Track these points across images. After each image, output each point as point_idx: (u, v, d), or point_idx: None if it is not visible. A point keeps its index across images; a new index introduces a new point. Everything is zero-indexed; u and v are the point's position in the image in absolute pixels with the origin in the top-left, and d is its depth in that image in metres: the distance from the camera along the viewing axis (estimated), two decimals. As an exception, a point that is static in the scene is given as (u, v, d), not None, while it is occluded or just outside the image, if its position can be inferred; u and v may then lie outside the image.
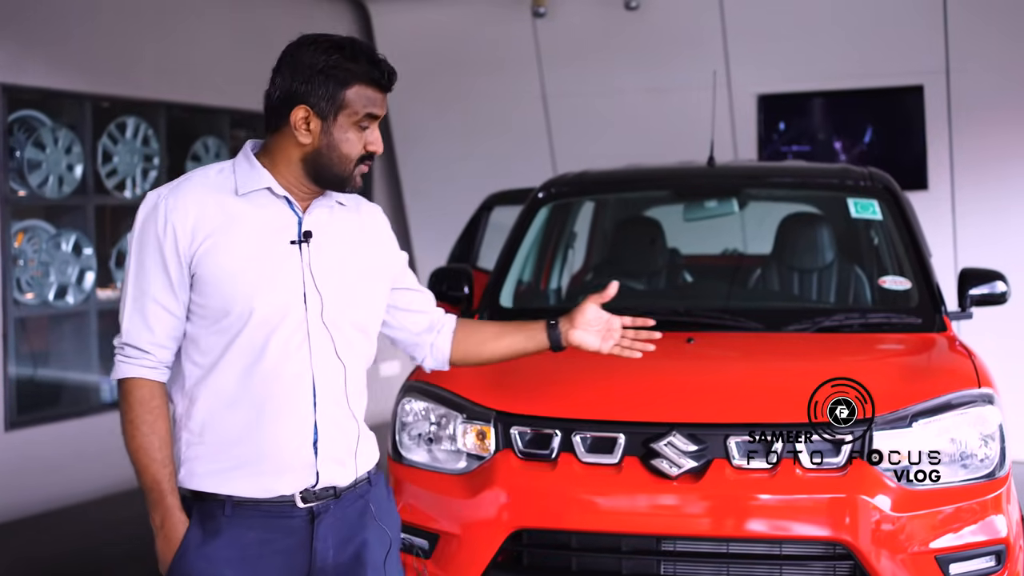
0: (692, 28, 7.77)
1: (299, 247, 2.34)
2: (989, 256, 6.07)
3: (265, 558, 2.31)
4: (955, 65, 7.12)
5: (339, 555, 2.36)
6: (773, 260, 4.91)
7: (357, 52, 2.34)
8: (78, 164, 6.62)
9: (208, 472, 2.32)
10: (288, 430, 2.31)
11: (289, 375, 2.30)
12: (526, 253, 4.84)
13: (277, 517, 2.32)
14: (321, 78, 2.31)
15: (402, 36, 8.67)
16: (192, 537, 2.30)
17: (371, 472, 2.47)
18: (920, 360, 3.91)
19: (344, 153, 2.34)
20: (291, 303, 2.31)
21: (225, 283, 2.28)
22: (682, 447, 3.35)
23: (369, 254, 2.48)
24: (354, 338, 2.40)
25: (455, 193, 8.43)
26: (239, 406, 2.30)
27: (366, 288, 2.44)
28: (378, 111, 2.36)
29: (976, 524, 3.36)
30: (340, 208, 2.46)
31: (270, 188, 2.35)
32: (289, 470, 2.31)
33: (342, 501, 2.38)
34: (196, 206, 2.31)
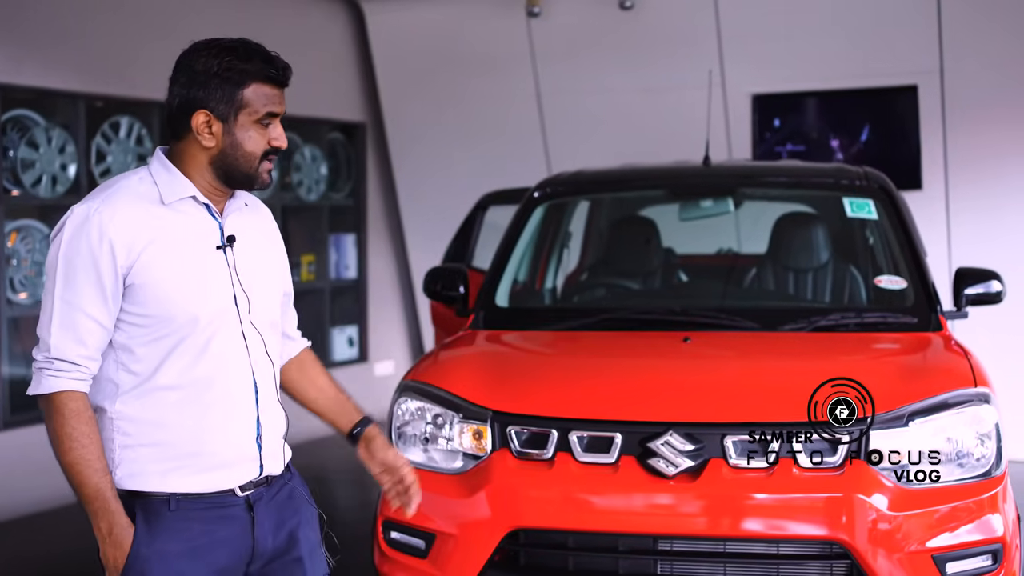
0: (687, 28, 7.77)
1: (224, 252, 2.41)
2: (984, 255, 6.08)
3: (212, 547, 2.38)
4: (949, 65, 7.13)
5: (276, 539, 2.47)
6: (768, 260, 4.91)
7: (250, 52, 2.38)
8: (72, 164, 6.59)
9: (151, 472, 2.36)
10: (235, 428, 2.41)
11: (232, 375, 2.40)
12: (521, 253, 4.84)
13: (219, 507, 2.40)
14: (217, 81, 2.35)
15: (396, 36, 8.67)
16: (141, 537, 2.34)
17: (288, 462, 2.59)
18: (916, 359, 3.92)
19: (248, 151, 2.39)
20: (226, 307, 2.39)
21: (167, 293, 2.33)
22: (679, 446, 3.35)
23: (272, 253, 2.57)
24: (272, 336, 2.51)
25: (450, 193, 8.42)
26: (184, 408, 2.36)
27: (274, 287, 2.54)
28: (277, 108, 2.40)
29: (972, 523, 3.37)
30: (247, 210, 2.52)
31: (194, 196, 2.40)
32: (234, 464, 2.41)
33: (271, 487, 2.48)
34: (130, 219, 2.33)
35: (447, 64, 8.51)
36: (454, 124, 8.65)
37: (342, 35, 8.87)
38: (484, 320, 4.43)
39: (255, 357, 2.43)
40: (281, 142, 2.42)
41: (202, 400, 2.36)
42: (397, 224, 9.28)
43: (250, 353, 2.42)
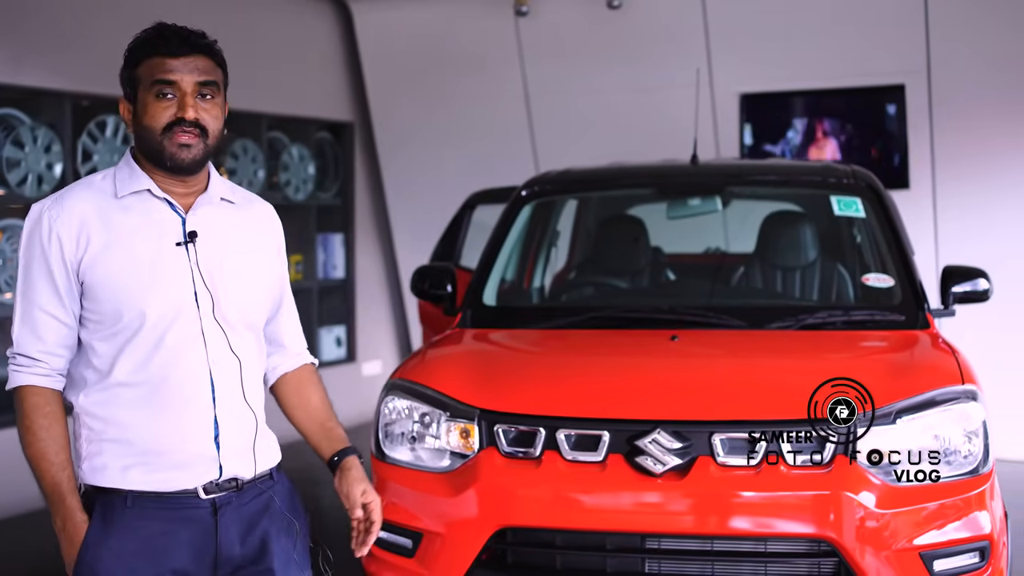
0: (675, 27, 7.77)
1: (186, 247, 2.36)
2: (971, 254, 6.09)
3: (170, 548, 2.34)
4: (936, 64, 7.14)
5: (245, 546, 2.40)
6: (756, 258, 4.91)
7: (149, 31, 2.38)
8: (58, 163, 6.56)
9: (109, 468, 2.35)
10: (190, 425, 2.34)
11: (186, 372, 2.33)
12: (509, 251, 4.84)
13: (179, 508, 2.35)
14: (123, 68, 2.39)
15: (384, 36, 8.66)
16: (94, 532, 2.34)
17: (273, 469, 2.50)
18: (903, 357, 3.92)
19: (146, 125, 2.33)
20: (183, 302, 2.34)
21: (115, 288, 2.32)
22: (667, 444, 3.34)
23: (258, 252, 2.50)
24: (245, 335, 2.43)
25: (438, 192, 8.41)
26: (139, 405, 2.33)
27: (254, 286, 2.46)
28: (168, 75, 2.31)
29: (960, 520, 3.37)
30: (227, 206, 2.47)
31: (150, 190, 2.37)
32: (192, 464, 2.35)
33: (243, 494, 2.41)
34: (79, 215, 2.34)
35: (435, 63, 8.51)
36: (442, 123, 8.64)
37: (330, 35, 8.86)
38: (472, 319, 4.42)
39: (214, 355, 2.36)
40: (184, 111, 2.30)
41: (155, 397, 2.33)
42: (385, 223, 9.27)
43: (208, 351, 2.35)
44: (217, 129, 2.38)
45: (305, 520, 2.56)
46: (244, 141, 7.91)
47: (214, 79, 2.36)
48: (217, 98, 2.37)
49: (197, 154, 2.34)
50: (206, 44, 2.38)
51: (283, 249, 2.60)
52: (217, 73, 2.38)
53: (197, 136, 2.33)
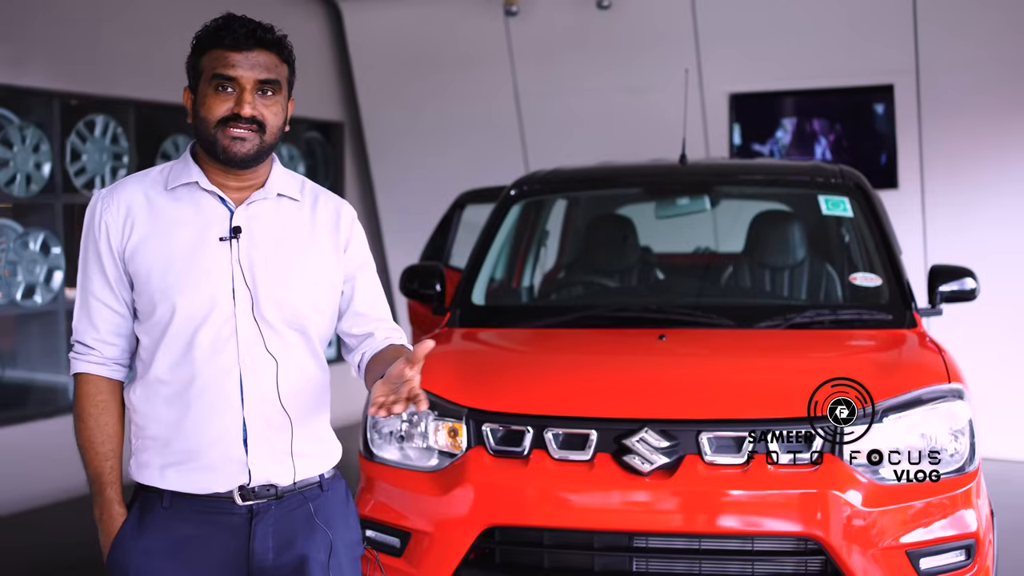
0: (664, 27, 7.78)
1: (229, 243, 2.31)
2: (958, 253, 6.11)
3: (201, 552, 2.30)
4: (925, 64, 7.16)
5: (279, 558, 2.32)
6: (745, 257, 4.92)
7: (217, 21, 2.33)
8: (46, 162, 6.55)
9: (149, 466, 2.33)
10: (217, 426, 2.29)
11: (217, 370, 2.28)
12: (498, 251, 4.83)
13: (215, 513, 2.31)
14: (189, 57, 2.35)
15: (374, 35, 8.65)
16: (128, 528, 2.33)
17: (324, 477, 2.42)
18: (890, 356, 3.93)
19: (202, 117, 2.29)
20: (218, 299, 2.29)
21: (150, 279, 2.30)
22: (654, 443, 3.35)
23: (313, 251, 2.40)
24: (289, 336, 2.34)
25: (427, 191, 8.41)
26: (172, 402, 2.30)
27: (304, 286, 2.36)
28: (228, 71, 2.26)
29: (946, 519, 3.38)
30: (286, 202, 2.41)
31: (198, 182, 2.33)
32: (220, 467, 2.29)
33: (284, 503, 2.34)
34: (126, 204, 2.33)
35: (425, 63, 8.51)
36: (432, 123, 8.64)
37: (320, 34, 8.85)
38: (460, 318, 4.42)
39: (247, 353, 2.28)
40: (241, 108, 2.26)
41: (187, 395, 2.28)
42: (375, 223, 9.26)
43: (240, 348, 2.28)
44: (276, 126, 2.33)
45: (351, 533, 2.45)
46: (234, 141, 7.90)
47: (275, 77, 2.31)
48: (278, 95, 2.32)
49: (251, 149, 2.29)
50: (272, 39, 2.31)
51: (354, 245, 2.47)
52: (281, 70, 2.33)
53: (253, 131, 2.28)
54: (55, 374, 6.78)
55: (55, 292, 6.65)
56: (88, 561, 5.40)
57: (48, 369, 6.76)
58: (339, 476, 2.48)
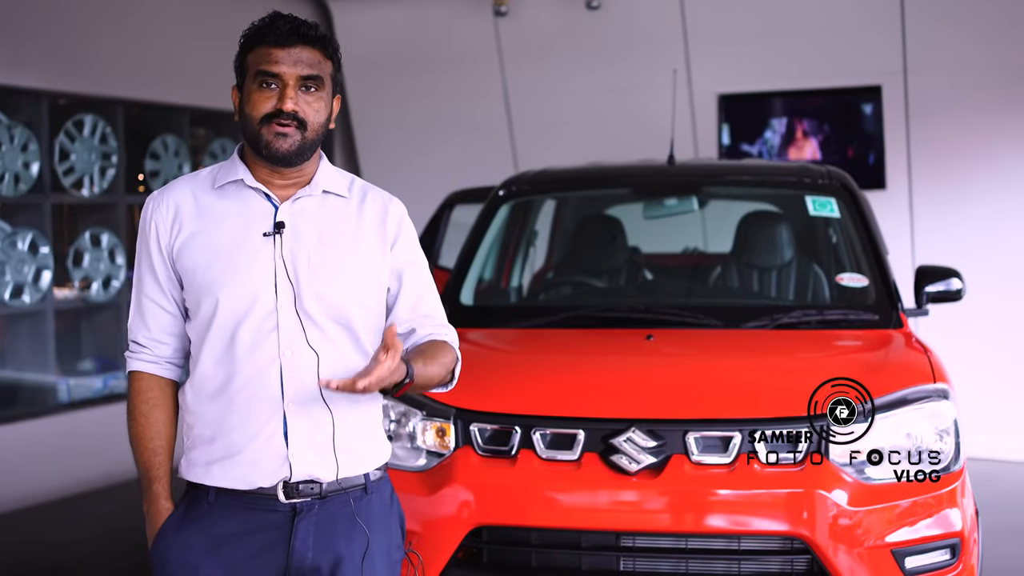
0: (653, 28, 7.80)
1: (272, 238, 2.33)
2: (945, 254, 6.13)
3: (241, 549, 2.32)
4: (912, 66, 7.19)
5: (318, 557, 2.33)
6: (733, 258, 4.94)
7: (263, 20, 2.35)
8: (35, 162, 6.54)
9: (197, 463, 2.36)
10: (258, 420, 2.30)
11: (258, 364, 2.30)
12: (487, 251, 4.84)
13: (258, 510, 2.32)
14: (237, 55, 2.38)
15: (364, 35, 8.65)
16: (172, 521, 2.36)
17: (369, 477, 2.41)
18: (877, 356, 3.95)
19: (247, 114, 2.32)
20: (260, 293, 2.30)
21: (196, 277, 2.33)
22: (641, 443, 3.36)
23: (359, 247, 2.40)
24: (333, 331, 2.34)
25: (417, 191, 8.37)
26: (217, 398, 2.33)
27: (348, 282, 2.36)
28: (271, 67, 2.28)
29: (931, 518, 3.39)
30: (332, 199, 2.41)
31: (243, 180, 2.36)
32: (262, 461, 2.31)
33: (328, 503, 2.35)
34: (175, 203, 2.38)
35: (414, 63, 8.51)
36: (421, 123, 8.64)
37: (309, 34, 8.84)
38: (449, 318, 4.41)
39: (288, 347, 2.29)
40: (283, 103, 2.27)
41: (229, 390, 2.31)
42: (364, 223, 9.25)
43: (281, 342, 2.29)
44: (319, 122, 2.33)
45: (394, 535, 2.46)
46: (223, 140, 7.90)
47: (319, 73, 2.32)
48: (321, 91, 2.33)
49: (293, 145, 2.29)
50: (316, 36, 2.33)
51: (404, 240, 2.46)
52: (324, 66, 2.34)
53: (295, 127, 2.29)
54: (43, 374, 6.77)
55: (43, 292, 6.64)
56: (79, 561, 5.41)
57: (36, 369, 6.75)
58: (386, 478, 2.48)
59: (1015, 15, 6.97)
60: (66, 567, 5.37)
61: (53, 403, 6.78)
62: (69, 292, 6.94)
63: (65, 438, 6.51)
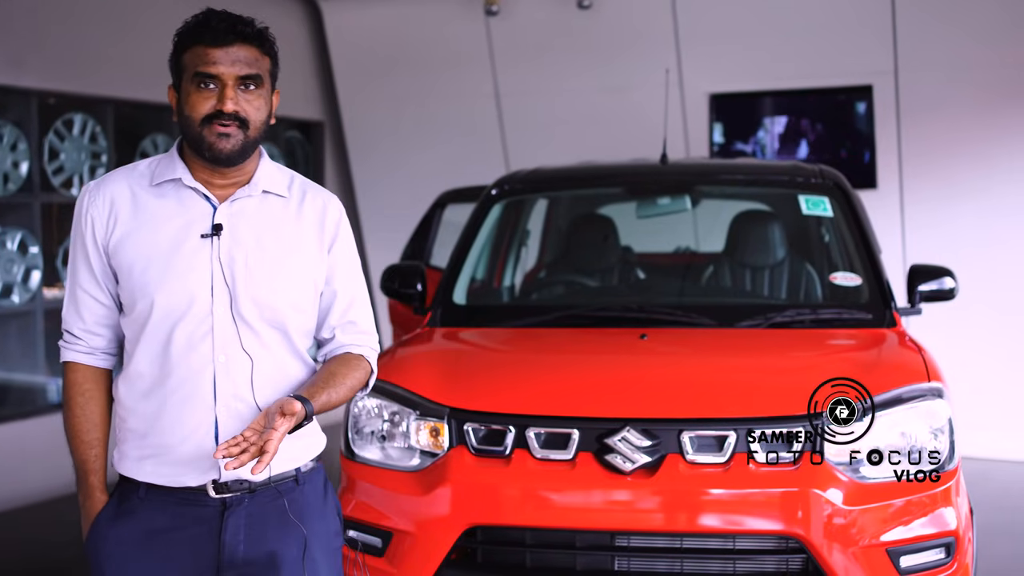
0: (644, 27, 7.80)
1: (210, 240, 2.32)
2: (937, 253, 6.15)
3: (172, 543, 2.33)
4: (903, 65, 7.20)
5: (250, 551, 2.33)
6: (725, 257, 4.93)
7: (196, 18, 2.32)
8: (24, 161, 6.52)
9: (128, 457, 2.38)
10: (189, 421, 2.31)
11: (191, 367, 2.30)
12: (479, 250, 4.83)
13: (189, 505, 2.34)
14: (171, 55, 2.36)
15: (355, 35, 8.63)
16: (104, 515, 2.37)
17: (300, 469, 2.42)
18: (870, 355, 3.94)
19: (186, 115, 2.29)
20: (196, 295, 2.30)
21: (132, 275, 2.32)
22: (636, 442, 3.35)
23: (297, 248, 2.40)
24: (267, 334, 2.35)
25: (408, 191, 8.40)
26: (150, 396, 2.33)
27: (284, 285, 2.36)
28: (209, 68, 2.26)
29: (926, 517, 3.39)
30: (274, 199, 2.41)
31: (181, 178, 2.35)
32: (192, 462, 2.32)
33: (257, 496, 2.36)
34: (111, 198, 2.36)
35: (406, 63, 8.49)
36: (413, 123, 8.63)
37: (300, 33, 8.83)
38: (442, 318, 4.41)
39: (222, 351, 2.29)
40: (223, 104, 2.25)
41: (163, 390, 2.31)
42: (355, 223, 9.24)
43: (216, 346, 2.29)
44: (260, 120, 2.32)
45: (330, 527, 2.46)
46: (213, 140, 7.86)
47: (257, 71, 2.30)
48: (261, 89, 2.32)
49: (236, 145, 2.28)
50: (252, 33, 2.31)
51: (340, 243, 2.46)
52: (262, 63, 2.32)
53: (236, 127, 2.28)
54: (33, 374, 6.73)
55: (33, 292, 6.61)
56: (73, 561, 5.37)
57: (26, 369, 6.72)
58: (319, 468, 2.49)
59: (1006, 14, 6.99)
60: (63, 567, 5.34)
61: (43, 403, 6.75)
62: (58, 292, 6.91)
63: (55, 438, 6.43)
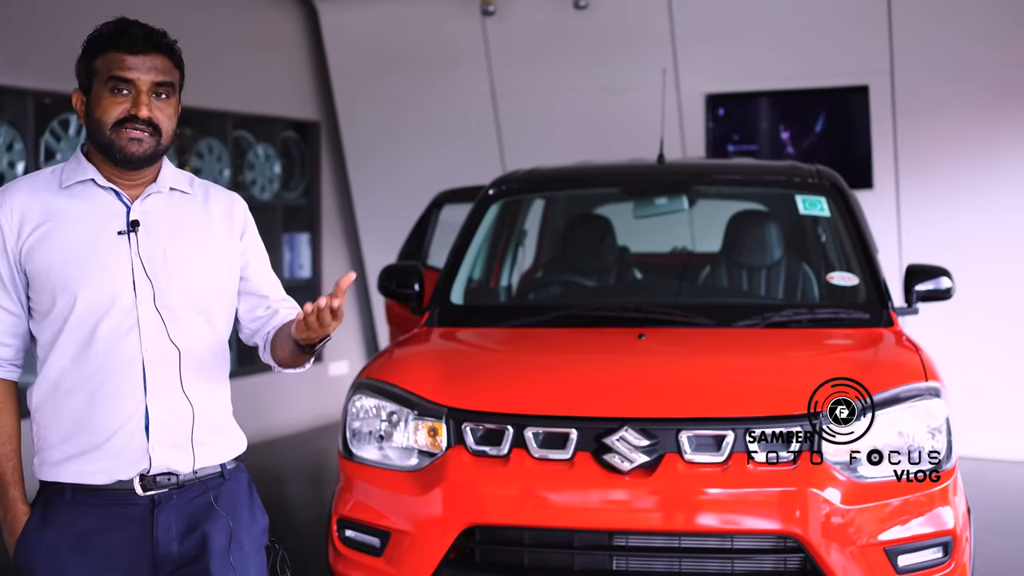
0: (641, 27, 7.80)
1: (127, 236, 2.36)
2: (934, 253, 6.15)
3: (106, 544, 2.35)
4: (899, 65, 7.21)
5: (183, 545, 2.38)
6: (722, 257, 4.94)
7: (112, 24, 2.38)
8: (20, 161, 6.51)
9: (51, 461, 2.38)
10: (119, 414, 2.34)
11: (119, 361, 2.34)
12: (476, 250, 4.83)
13: (117, 504, 2.35)
14: (80, 59, 2.40)
15: (351, 35, 8.63)
16: (32, 524, 2.37)
17: (226, 466, 2.47)
18: (868, 355, 3.95)
19: (97, 118, 2.34)
20: (119, 291, 2.34)
21: (50, 275, 2.34)
22: (634, 442, 3.35)
23: (210, 239, 2.47)
24: (193, 322, 2.41)
25: (405, 191, 8.40)
26: (73, 395, 2.35)
27: (205, 273, 2.43)
28: (127, 73, 2.32)
29: (924, 516, 3.40)
30: (180, 196, 2.48)
31: (94, 179, 2.38)
32: (122, 453, 2.34)
33: (185, 492, 2.39)
34: (20, 205, 2.37)
35: (402, 63, 8.50)
36: (409, 123, 8.63)
37: (296, 33, 8.82)
38: (439, 318, 4.41)
39: (150, 342, 2.34)
40: (138, 109, 2.31)
41: (89, 386, 2.34)
42: (352, 223, 9.24)
43: (143, 338, 2.33)
44: (170, 128, 2.39)
45: (258, 521, 2.51)
46: (209, 140, 7.87)
47: (171, 80, 2.38)
48: (172, 98, 2.39)
49: (147, 150, 2.35)
50: (166, 43, 2.39)
51: (249, 233, 2.56)
52: (174, 74, 2.40)
53: (149, 133, 2.34)
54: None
55: (29, 292, 6.60)
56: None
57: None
58: (242, 468, 2.54)
59: (1003, 14, 7.00)
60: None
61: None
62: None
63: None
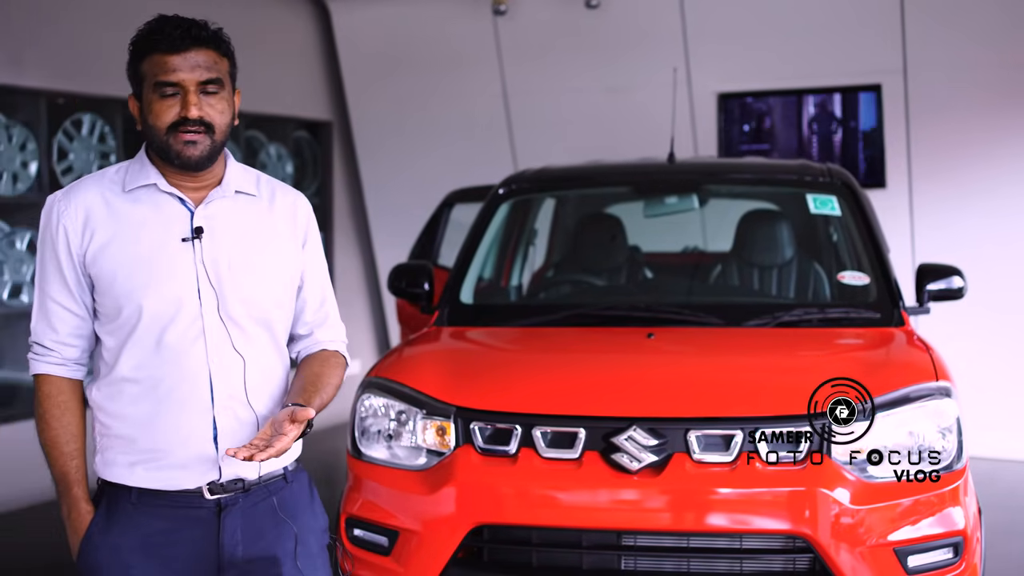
0: (652, 26, 7.79)
1: (192, 243, 2.33)
2: (946, 252, 6.12)
3: (170, 547, 2.34)
4: (912, 64, 7.18)
5: (249, 550, 2.37)
6: (733, 256, 4.92)
7: (150, 24, 2.33)
8: (33, 161, 6.53)
9: (116, 463, 2.36)
10: (187, 425, 2.32)
11: (184, 371, 2.31)
12: (486, 250, 4.83)
13: (183, 507, 2.35)
14: (128, 64, 2.35)
15: (363, 35, 8.64)
16: (97, 524, 2.36)
17: (288, 469, 2.47)
18: (879, 354, 3.94)
19: (151, 124, 2.30)
20: (184, 299, 2.32)
21: (115, 282, 2.32)
22: (642, 441, 3.34)
23: (274, 246, 2.44)
24: (255, 332, 2.38)
25: (416, 191, 8.41)
26: (140, 402, 2.33)
27: (267, 281, 2.40)
28: (170, 76, 2.27)
29: (934, 516, 3.38)
30: (245, 199, 2.43)
31: (157, 184, 2.35)
32: (191, 465, 2.33)
33: (251, 496, 2.39)
34: (85, 207, 2.34)
35: (414, 63, 8.50)
36: (420, 122, 8.63)
37: (308, 33, 8.83)
38: (449, 317, 4.41)
39: (215, 352, 2.32)
40: (187, 111, 2.27)
41: (155, 395, 2.31)
42: (363, 222, 9.25)
43: (208, 347, 2.31)
44: (224, 123, 2.34)
45: (317, 523, 2.50)
46: (222, 139, 7.88)
47: (216, 75, 2.31)
48: (223, 91, 2.33)
49: (204, 150, 2.31)
50: (208, 36, 2.32)
51: (311, 239, 2.52)
52: (222, 66, 2.34)
53: (203, 133, 2.29)
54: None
55: (42, 291, 6.61)
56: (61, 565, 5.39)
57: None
58: (301, 468, 2.54)
59: (1015, 14, 6.96)
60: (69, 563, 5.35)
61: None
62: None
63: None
